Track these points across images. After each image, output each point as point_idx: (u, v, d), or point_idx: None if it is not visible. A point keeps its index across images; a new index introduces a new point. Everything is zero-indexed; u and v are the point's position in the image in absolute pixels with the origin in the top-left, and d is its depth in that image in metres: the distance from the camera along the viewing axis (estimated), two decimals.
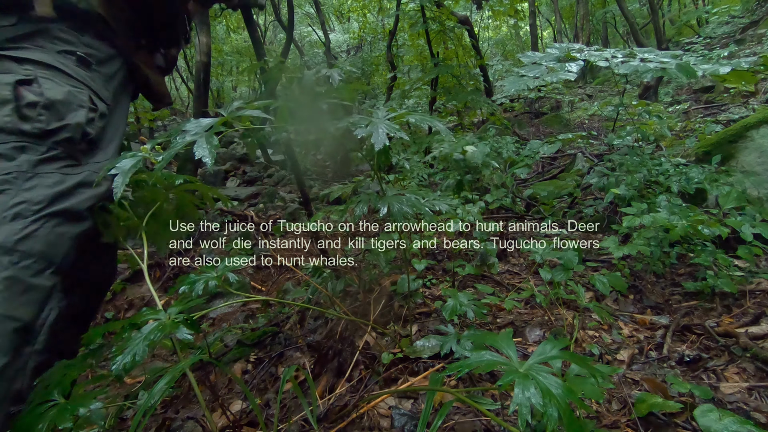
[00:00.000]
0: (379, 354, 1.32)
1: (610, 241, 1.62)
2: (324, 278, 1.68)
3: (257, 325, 1.74)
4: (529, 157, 2.76)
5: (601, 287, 1.41)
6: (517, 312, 1.61)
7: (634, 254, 1.60)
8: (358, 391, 1.20)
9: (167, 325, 0.75)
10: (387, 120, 0.92)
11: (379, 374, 1.25)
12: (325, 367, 1.32)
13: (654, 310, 1.57)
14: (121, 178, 0.77)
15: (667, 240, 1.66)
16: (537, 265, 1.54)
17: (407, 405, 1.14)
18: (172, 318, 0.78)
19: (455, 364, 0.74)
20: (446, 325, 1.32)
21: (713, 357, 1.25)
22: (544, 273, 1.48)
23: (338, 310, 1.58)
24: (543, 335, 1.42)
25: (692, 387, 1.05)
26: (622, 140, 2.42)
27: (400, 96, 4.43)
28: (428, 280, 1.92)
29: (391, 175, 3.14)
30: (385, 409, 1.11)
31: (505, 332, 1.38)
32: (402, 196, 1.07)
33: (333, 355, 1.34)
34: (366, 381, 1.24)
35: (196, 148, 0.72)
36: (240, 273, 2.21)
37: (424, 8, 3.30)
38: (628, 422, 1.01)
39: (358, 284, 1.81)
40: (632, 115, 3.17)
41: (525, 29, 7.09)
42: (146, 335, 0.73)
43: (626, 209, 1.69)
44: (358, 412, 1.07)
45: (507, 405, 1.12)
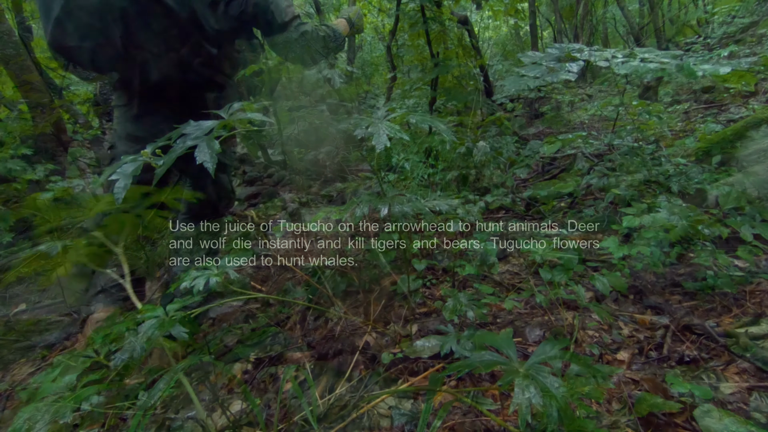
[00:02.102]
0: (379, 354, 1.32)
1: (610, 241, 1.62)
2: (324, 278, 1.68)
3: (257, 325, 1.74)
4: (529, 157, 2.75)
5: (601, 287, 1.42)
6: (517, 312, 1.61)
7: (634, 254, 1.60)
8: (358, 391, 1.20)
9: (165, 323, 0.75)
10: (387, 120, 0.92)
11: (379, 374, 1.25)
12: (325, 367, 1.32)
13: (654, 310, 1.57)
14: (122, 182, 0.77)
15: (667, 240, 1.66)
16: (537, 265, 1.54)
17: (407, 405, 1.14)
18: (171, 316, 0.78)
19: (455, 364, 0.74)
20: (446, 325, 1.33)
21: (713, 357, 1.25)
22: (544, 273, 1.48)
23: (338, 310, 1.58)
24: (543, 335, 1.42)
25: (692, 387, 1.05)
26: (622, 140, 2.42)
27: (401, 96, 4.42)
28: (428, 280, 1.92)
29: (391, 175, 3.14)
30: (385, 409, 1.11)
31: (505, 332, 1.38)
32: (402, 197, 1.07)
33: (333, 355, 1.34)
34: (366, 381, 1.24)
35: (198, 152, 0.73)
36: (240, 273, 2.21)
37: (424, 8, 3.30)
38: (628, 422, 1.01)
39: (358, 284, 1.81)
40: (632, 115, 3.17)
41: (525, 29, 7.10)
42: (144, 332, 0.73)
43: (626, 209, 1.69)
44: (358, 412, 1.07)
45: (507, 405, 1.12)
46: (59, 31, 1.42)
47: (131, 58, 1.53)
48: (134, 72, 1.56)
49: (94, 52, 1.48)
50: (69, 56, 1.52)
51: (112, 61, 1.54)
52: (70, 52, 1.48)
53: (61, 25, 1.41)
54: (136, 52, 1.51)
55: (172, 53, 1.55)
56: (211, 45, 1.59)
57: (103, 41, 1.46)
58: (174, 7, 1.44)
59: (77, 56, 1.51)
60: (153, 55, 1.52)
